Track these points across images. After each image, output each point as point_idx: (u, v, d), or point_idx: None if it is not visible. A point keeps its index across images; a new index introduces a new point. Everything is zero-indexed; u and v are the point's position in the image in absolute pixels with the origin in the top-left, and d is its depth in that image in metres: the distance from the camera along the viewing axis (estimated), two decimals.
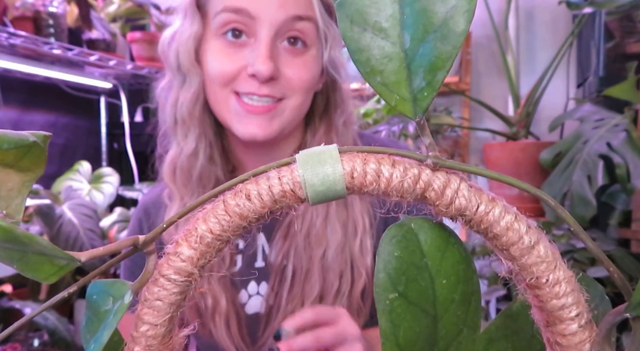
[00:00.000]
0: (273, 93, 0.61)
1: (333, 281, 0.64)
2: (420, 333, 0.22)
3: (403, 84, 0.21)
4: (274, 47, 0.59)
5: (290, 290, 0.66)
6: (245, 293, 0.69)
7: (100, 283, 0.21)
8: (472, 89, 1.88)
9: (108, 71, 1.87)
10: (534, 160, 1.41)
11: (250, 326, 0.69)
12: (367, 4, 0.21)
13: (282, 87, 0.61)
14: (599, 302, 0.23)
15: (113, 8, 1.83)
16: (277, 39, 0.60)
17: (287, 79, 0.61)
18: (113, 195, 1.79)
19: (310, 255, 0.65)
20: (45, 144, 0.22)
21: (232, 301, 0.67)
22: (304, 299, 0.65)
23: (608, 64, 1.43)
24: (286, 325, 0.56)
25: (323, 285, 0.65)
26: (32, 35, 1.46)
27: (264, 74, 0.58)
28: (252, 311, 0.69)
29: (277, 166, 0.21)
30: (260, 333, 0.68)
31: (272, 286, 0.67)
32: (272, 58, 0.59)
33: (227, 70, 0.60)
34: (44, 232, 1.39)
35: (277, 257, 0.67)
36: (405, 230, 0.22)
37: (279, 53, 0.60)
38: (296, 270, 0.65)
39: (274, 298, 0.67)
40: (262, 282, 0.69)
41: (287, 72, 0.61)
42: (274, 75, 0.59)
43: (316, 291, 0.64)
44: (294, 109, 0.63)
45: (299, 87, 0.62)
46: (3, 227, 0.17)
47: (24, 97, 1.81)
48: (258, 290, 0.68)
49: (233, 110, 0.62)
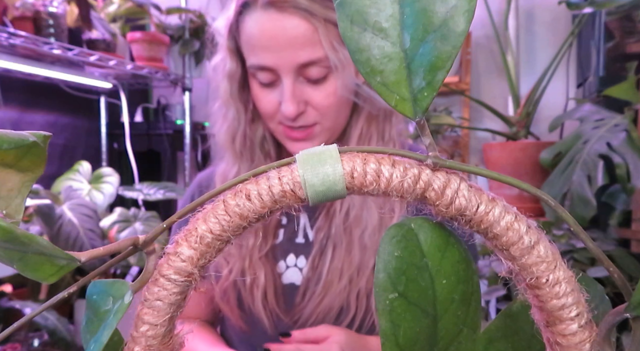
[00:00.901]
0: (305, 122, 0.71)
1: (370, 258, 0.71)
2: (420, 333, 0.22)
3: (403, 83, 0.21)
4: (297, 87, 0.69)
5: (330, 265, 0.72)
6: (284, 263, 0.76)
7: (100, 283, 0.21)
8: (472, 89, 1.88)
9: (108, 71, 1.87)
10: (534, 160, 1.41)
11: (285, 296, 0.75)
12: (367, 4, 0.21)
13: (312, 115, 0.70)
14: (599, 302, 0.23)
15: (113, 8, 1.83)
16: (298, 78, 0.69)
17: (315, 107, 0.70)
18: (113, 195, 1.79)
19: (349, 233, 0.72)
20: (45, 144, 0.22)
21: (271, 271, 0.74)
22: (342, 272, 0.71)
23: (608, 64, 1.43)
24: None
25: (361, 261, 0.71)
26: (32, 35, 1.46)
27: (291, 114, 0.68)
28: (288, 282, 0.75)
29: (277, 166, 0.21)
30: (295, 304, 0.74)
31: (312, 261, 0.74)
32: (296, 98, 0.68)
33: (267, 110, 0.72)
34: (44, 232, 1.39)
35: (318, 234, 0.74)
36: (405, 230, 0.22)
37: (304, 88, 0.69)
38: (336, 246, 0.73)
39: (312, 272, 0.73)
40: (301, 256, 0.76)
41: (313, 102, 0.70)
42: (300, 111, 0.69)
43: (354, 266, 0.71)
44: (329, 129, 0.73)
45: (326, 112, 0.70)
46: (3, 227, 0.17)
47: (24, 97, 1.81)
48: (296, 262, 0.76)
49: (282, 136, 0.74)
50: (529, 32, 1.82)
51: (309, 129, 0.71)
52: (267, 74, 0.69)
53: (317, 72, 0.68)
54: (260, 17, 0.66)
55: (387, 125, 0.74)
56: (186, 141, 2.08)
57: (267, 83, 0.70)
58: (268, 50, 0.67)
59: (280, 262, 0.76)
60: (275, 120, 0.72)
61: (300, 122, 0.70)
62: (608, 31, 1.43)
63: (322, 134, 0.72)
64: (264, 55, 0.67)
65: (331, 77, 0.69)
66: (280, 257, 0.76)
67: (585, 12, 1.43)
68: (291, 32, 0.65)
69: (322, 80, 0.69)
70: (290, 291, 0.75)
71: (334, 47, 0.66)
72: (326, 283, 0.71)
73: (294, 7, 0.65)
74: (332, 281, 0.71)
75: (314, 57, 0.66)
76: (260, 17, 0.66)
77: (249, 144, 0.76)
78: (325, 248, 0.73)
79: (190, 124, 2.07)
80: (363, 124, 0.74)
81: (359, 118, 0.74)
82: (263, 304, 0.73)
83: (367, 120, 0.74)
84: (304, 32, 0.65)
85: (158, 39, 1.91)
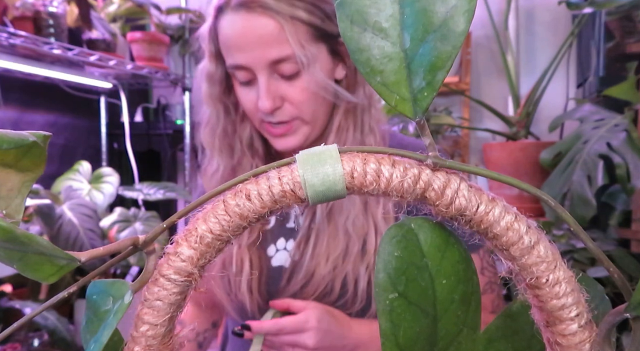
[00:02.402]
0: (283, 117, 0.73)
1: (356, 242, 0.73)
2: (420, 333, 0.22)
3: (403, 83, 0.21)
4: (271, 83, 0.71)
5: (314, 248, 0.74)
6: (274, 247, 0.79)
7: (100, 283, 0.21)
8: (472, 89, 1.88)
9: (108, 71, 1.87)
10: (534, 160, 1.41)
11: (272, 278, 0.77)
12: (367, 4, 0.21)
13: (288, 110, 0.73)
14: (599, 302, 0.23)
15: (113, 8, 1.83)
16: (273, 75, 0.71)
17: (291, 102, 0.72)
18: (113, 195, 1.79)
19: (333, 219, 0.75)
20: (45, 144, 0.22)
21: (259, 256, 0.77)
22: (328, 256, 0.73)
23: (608, 64, 1.43)
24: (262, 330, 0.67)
25: (346, 247, 0.74)
26: (32, 35, 1.46)
27: (266, 109, 0.71)
28: (277, 264, 0.78)
29: (277, 166, 0.21)
30: (281, 287, 0.76)
31: (297, 244, 0.76)
32: (271, 93, 0.71)
33: (248, 107, 0.75)
34: (44, 232, 1.39)
35: (306, 220, 0.77)
36: (405, 230, 0.22)
37: (279, 84, 0.72)
38: (320, 232, 0.75)
39: (299, 255, 0.76)
40: (290, 239, 0.78)
41: (289, 97, 0.72)
42: (277, 106, 0.71)
43: (340, 249, 0.73)
44: (308, 123, 0.74)
45: (302, 107, 0.73)
46: (3, 227, 0.17)
47: (24, 97, 1.81)
48: (285, 245, 0.79)
49: (266, 134, 0.76)
50: (529, 32, 1.82)
51: (288, 125, 0.74)
52: (244, 73, 0.72)
53: (289, 68, 0.70)
54: (232, 18, 0.70)
55: (365, 117, 0.77)
56: (186, 141, 2.08)
57: (245, 81, 0.73)
58: (240, 49, 0.70)
59: (270, 245, 0.79)
60: (257, 117, 0.74)
61: (278, 117, 0.73)
62: (608, 31, 1.43)
63: (303, 128, 0.74)
64: (238, 54, 0.71)
65: (303, 72, 0.72)
66: (270, 241, 0.79)
67: (585, 12, 1.43)
68: (260, 31, 0.68)
69: (295, 76, 0.71)
70: (277, 274, 0.77)
71: (301, 44, 0.69)
72: (310, 267, 0.74)
73: (261, 6, 0.68)
74: (318, 263, 0.73)
75: (283, 54, 0.69)
76: (232, 18, 0.70)
77: (228, 142, 0.79)
78: (310, 233, 0.75)
79: (190, 124, 2.07)
80: (341, 118, 0.76)
81: (338, 112, 0.76)
82: (249, 287, 0.75)
83: (344, 113, 0.76)
84: (271, 30, 0.68)
85: (158, 39, 1.91)
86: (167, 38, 1.95)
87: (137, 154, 2.04)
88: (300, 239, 0.76)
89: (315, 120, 0.75)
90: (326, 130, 0.77)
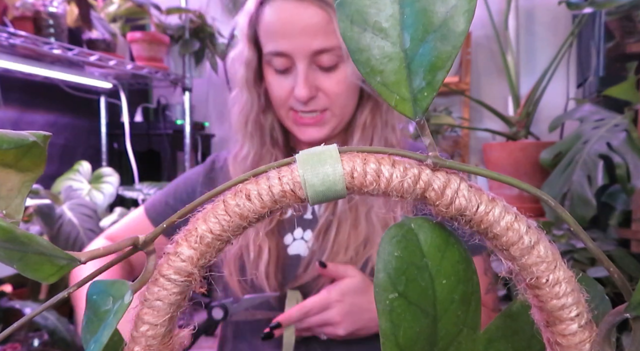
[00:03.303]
0: (316, 107, 0.75)
1: (378, 233, 0.75)
2: (420, 333, 0.22)
3: (403, 83, 0.21)
4: (309, 73, 0.73)
5: (335, 238, 0.76)
6: (291, 236, 0.80)
7: (100, 283, 0.21)
8: (472, 89, 1.88)
9: (108, 71, 1.87)
10: (534, 160, 1.41)
11: (289, 266, 0.78)
12: (367, 4, 0.21)
13: (322, 101, 0.75)
14: (599, 302, 0.23)
15: (113, 8, 1.83)
16: (311, 66, 0.73)
17: (326, 94, 0.74)
18: (113, 195, 1.79)
19: (355, 210, 0.76)
20: (45, 144, 0.22)
21: (276, 244, 0.78)
22: (348, 245, 0.75)
23: (608, 64, 1.43)
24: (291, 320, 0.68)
25: (368, 234, 0.75)
26: (32, 35, 1.46)
27: (303, 98, 0.73)
28: (294, 253, 0.79)
29: (277, 166, 0.21)
30: (298, 274, 0.77)
31: (317, 234, 0.77)
32: (308, 82, 0.73)
33: (280, 96, 0.76)
34: (44, 232, 1.39)
35: (325, 212, 0.78)
36: (405, 230, 0.22)
37: (316, 75, 0.74)
38: (341, 222, 0.76)
39: (317, 245, 0.77)
40: (308, 230, 0.80)
41: (324, 88, 0.74)
42: (312, 95, 0.73)
43: (361, 239, 0.74)
44: (337, 116, 0.76)
45: (335, 99, 0.75)
46: (3, 227, 0.17)
47: (24, 97, 1.81)
48: (303, 235, 0.80)
49: (292, 122, 0.78)
50: (529, 32, 1.82)
51: (320, 115, 0.76)
52: (283, 60, 0.73)
53: (329, 59, 0.72)
54: (280, 5, 0.72)
55: (389, 115, 0.79)
56: (186, 141, 2.08)
57: (282, 70, 0.74)
58: (285, 36, 0.72)
59: (287, 234, 0.80)
60: (287, 106, 0.76)
61: (311, 107, 0.74)
62: (608, 31, 1.43)
63: (332, 121, 0.77)
64: (282, 41, 0.72)
65: (342, 65, 0.73)
66: (287, 230, 0.80)
67: (585, 12, 1.43)
68: (307, 20, 0.70)
69: (333, 68, 0.73)
70: (295, 262, 0.78)
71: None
72: (331, 254, 0.75)
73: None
74: (338, 252, 0.74)
75: (327, 45, 0.71)
76: (280, 5, 0.72)
77: (260, 128, 0.80)
78: (331, 224, 0.77)
79: (190, 124, 2.07)
80: (367, 115, 0.78)
81: (364, 109, 0.78)
82: (266, 273, 0.76)
83: (371, 110, 0.78)
84: (319, 20, 0.70)
85: (158, 39, 1.91)
86: (167, 38, 1.95)
87: (137, 154, 2.04)
88: (320, 230, 0.77)
89: (344, 114, 0.77)
90: (352, 126, 0.79)
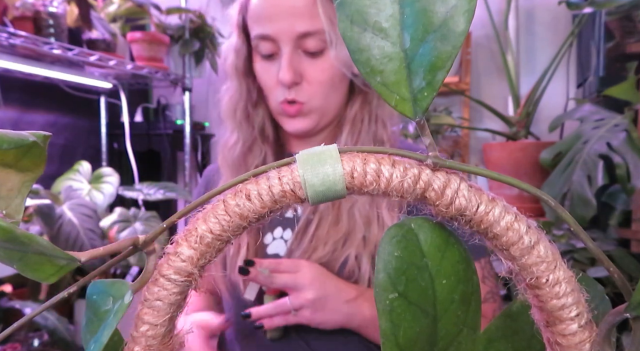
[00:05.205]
0: (297, 97, 0.74)
1: (361, 227, 0.74)
2: (420, 333, 0.22)
3: (403, 83, 0.21)
4: (294, 57, 0.72)
5: (314, 233, 0.75)
6: (270, 236, 0.80)
7: (100, 283, 0.21)
8: (472, 89, 1.88)
9: (108, 71, 1.87)
10: (534, 160, 1.41)
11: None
12: (367, 4, 0.21)
13: (305, 90, 0.74)
14: (599, 302, 0.23)
15: (113, 8, 1.83)
16: (297, 51, 0.73)
17: (309, 82, 0.74)
18: (113, 195, 1.79)
19: (337, 207, 0.75)
20: (45, 144, 0.22)
21: (255, 242, 0.78)
22: (327, 240, 0.74)
23: (608, 64, 1.43)
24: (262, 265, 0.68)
25: (349, 230, 0.74)
26: (32, 35, 1.46)
27: (286, 81, 0.71)
28: (272, 252, 0.78)
29: (277, 166, 0.21)
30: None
31: (297, 234, 0.77)
32: (292, 66, 0.72)
33: (267, 82, 0.76)
34: (44, 232, 1.39)
35: (305, 211, 0.77)
36: (405, 230, 0.22)
37: (301, 60, 0.73)
38: (322, 219, 0.75)
39: (296, 244, 0.76)
40: (288, 229, 0.79)
41: (308, 75, 0.73)
42: (296, 80, 0.72)
43: (341, 233, 0.74)
44: (319, 108, 0.75)
45: (318, 88, 0.74)
46: (3, 227, 0.17)
47: (24, 97, 1.81)
48: (282, 235, 0.79)
49: (280, 113, 0.77)
50: (529, 32, 1.82)
51: (302, 106, 0.75)
52: (268, 45, 0.73)
53: (314, 44, 0.72)
54: None
55: (379, 111, 0.78)
56: (186, 141, 2.08)
57: (268, 54, 0.74)
58: (270, 19, 0.72)
59: (267, 234, 0.80)
60: (275, 94, 0.75)
61: (294, 95, 0.74)
62: (608, 31, 1.43)
63: (314, 112, 0.76)
64: (267, 24, 0.72)
65: (327, 52, 0.73)
66: (267, 230, 0.80)
67: (585, 12, 1.43)
68: (292, 2, 0.71)
69: (318, 54, 0.73)
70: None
71: (331, 21, 0.71)
72: (309, 250, 0.74)
73: None
74: (316, 248, 0.74)
75: (311, 29, 0.71)
76: None
77: (248, 118, 0.80)
78: (310, 223, 0.76)
79: (190, 124, 2.07)
80: (357, 109, 0.77)
81: (354, 103, 0.78)
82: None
83: (361, 105, 0.77)
84: (304, 3, 0.70)
85: (158, 39, 1.91)
86: (167, 38, 1.95)
87: (137, 154, 2.04)
88: (299, 229, 0.76)
89: (326, 106, 0.76)
90: (342, 119, 0.78)
